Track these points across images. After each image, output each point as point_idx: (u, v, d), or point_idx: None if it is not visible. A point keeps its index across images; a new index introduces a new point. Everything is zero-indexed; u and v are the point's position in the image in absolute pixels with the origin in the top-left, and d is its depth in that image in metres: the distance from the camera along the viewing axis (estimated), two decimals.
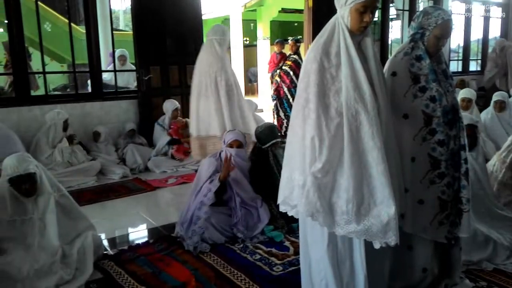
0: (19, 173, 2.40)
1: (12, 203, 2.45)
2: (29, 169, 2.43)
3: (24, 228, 2.47)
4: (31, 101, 4.95)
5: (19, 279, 2.33)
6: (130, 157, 5.05)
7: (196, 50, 5.83)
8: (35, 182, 2.47)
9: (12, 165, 2.41)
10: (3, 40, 6.68)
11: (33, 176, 2.45)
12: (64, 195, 2.67)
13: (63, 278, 2.39)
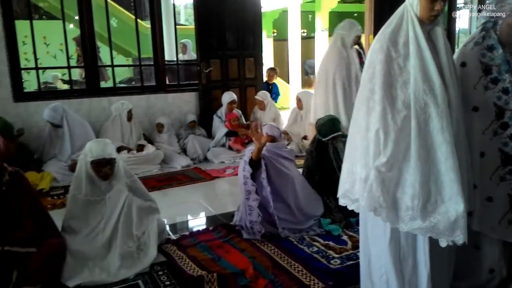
0: (104, 157, 2.60)
1: (87, 184, 2.64)
2: (111, 154, 2.65)
3: (96, 209, 2.65)
4: (100, 93, 5.27)
5: (90, 257, 2.51)
6: (190, 148, 5.23)
7: (255, 43, 5.95)
8: (114, 167, 2.67)
9: (98, 148, 2.61)
10: (74, 35, 7.16)
11: (114, 161, 2.65)
12: (135, 180, 2.85)
13: (130, 258, 2.54)
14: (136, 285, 2.41)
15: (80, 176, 2.66)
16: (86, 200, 2.64)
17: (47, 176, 4.12)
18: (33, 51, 4.98)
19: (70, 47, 5.65)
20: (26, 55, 6.41)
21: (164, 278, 2.48)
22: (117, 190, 2.68)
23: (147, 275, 2.50)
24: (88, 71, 5.25)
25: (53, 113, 4.44)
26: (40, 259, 2.36)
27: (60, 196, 3.97)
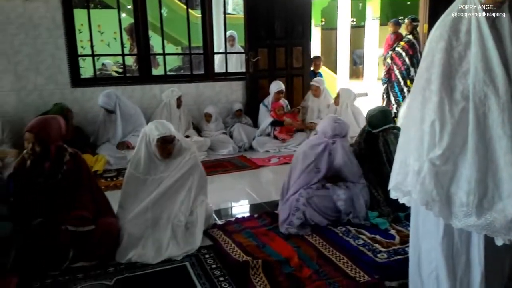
0: (169, 134, 2.72)
1: (145, 163, 2.76)
2: (174, 132, 2.76)
3: (151, 187, 2.76)
4: (152, 80, 5.44)
5: (143, 234, 2.63)
6: (236, 136, 5.29)
7: (304, 32, 5.89)
8: (175, 146, 2.78)
9: (163, 127, 2.73)
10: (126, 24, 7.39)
11: (175, 140, 2.77)
12: (193, 160, 2.92)
13: (179, 234, 2.66)
14: (183, 267, 2.49)
15: (139, 155, 2.77)
16: (142, 178, 2.76)
17: (102, 159, 4.33)
18: (90, 38, 5.20)
19: (124, 36, 5.84)
20: (82, 43, 6.72)
21: (211, 261, 2.54)
22: (174, 168, 2.78)
23: (194, 258, 2.58)
24: (140, 59, 5.42)
25: (107, 99, 4.63)
26: (96, 237, 2.50)
27: (113, 179, 4.16)
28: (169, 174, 2.77)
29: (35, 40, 4.73)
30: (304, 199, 2.90)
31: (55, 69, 4.86)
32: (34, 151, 2.46)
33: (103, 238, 2.52)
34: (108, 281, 2.34)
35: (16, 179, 2.56)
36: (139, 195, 2.74)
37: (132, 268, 2.48)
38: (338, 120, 3.11)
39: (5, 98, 4.74)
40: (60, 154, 2.55)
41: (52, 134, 2.50)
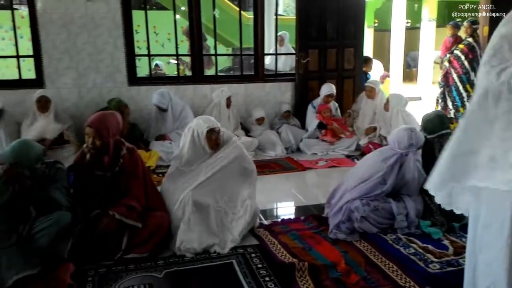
0: (217, 127, 2.86)
1: (191, 157, 2.88)
2: (219, 125, 2.92)
3: (195, 176, 2.87)
4: (204, 80, 5.55)
5: (187, 224, 2.72)
6: (284, 137, 5.28)
7: (356, 33, 5.78)
8: (221, 137, 2.91)
9: (209, 120, 2.91)
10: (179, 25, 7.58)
11: (220, 131, 2.91)
12: (237, 153, 2.99)
13: (220, 220, 2.77)
14: (230, 264, 2.52)
15: (185, 150, 2.89)
16: (187, 171, 2.88)
17: (155, 155, 4.48)
18: (147, 39, 5.40)
19: (179, 37, 5.99)
20: (138, 43, 6.98)
21: (257, 261, 2.56)
22: (219, 158, 2.88)
23: (240, 256, 2.60)
24: (194, 60, 5.55)
25: (161, 98, 4.79)
26: (148, 230, 2.60)
27: (165, 174, 4.28)
28: (214, 162, 2.87)
29: (96, 39, 4.97)
30: (359, 216, 2.84)
31: (113, 68, 5.09)
32: (94, 145, 2.58)
33: (154, 231, 2.61)
34: (158, 274, 2.42)
35: (76, 172, 2.70)
36: (180, 186, 2.85)
37: (181, 262, 2.54)
38: (413, 129, 2.97)
39: (67, 95, 5.03)
40: (117, 148, 2.67)
41: (110, 129, 2.62)
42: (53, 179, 2.59)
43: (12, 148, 2.49)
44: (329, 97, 5.38)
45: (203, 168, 2.88)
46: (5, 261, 2.29)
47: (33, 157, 2.51)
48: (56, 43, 4.87)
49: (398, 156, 2.92)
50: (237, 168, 2.91)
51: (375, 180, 2.91)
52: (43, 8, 4.78)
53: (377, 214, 2.88)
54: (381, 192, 2.91)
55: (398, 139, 2.93)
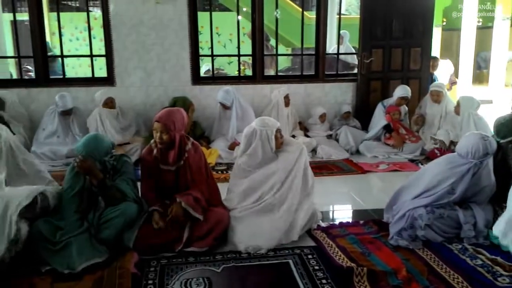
0: (279, 128, 2.89)
1: (257, 157, 2.90)
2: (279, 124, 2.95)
3: (260, 177, 2.91)
4: (264, 80, 5.60)
5: (252, 224, 2.77)
6: (343, 138, 5.19)
7: (424, 32, 5.54)
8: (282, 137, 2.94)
9: (272, 121, 2.91)
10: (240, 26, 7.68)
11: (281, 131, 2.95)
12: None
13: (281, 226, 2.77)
14: (286, 264, 2.53)
15: (250, 151, 2.90)
16: (252, 171, 2.91)
17: (215, 153, 4.60)
18: (210, 40, 5.54)
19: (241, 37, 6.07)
20: (201, 44, 7.18)
21: (314, 262, 2.54)
22: (284, 160, 2.89)
23: (297, 257, 2.60)
24: (255, 60, 5.61)
25: (226, 95, 4.90)
26: (208, 225, 2.67)
27: (223, 172, 4.38)
28: (279, 165, 2.87)
29: (164, 40, 5.19)
30: (423, 223, 2.72)
31: (179, 68, 5.29)
32: (162, 140, 2.70)
33: (214, 226, 2.68)
34: (216, 268, 2.48)
35: (144, 166, 2.84)
36: (247, 186, 2.88)
37: (238, 258, 2.59)
38: (486, 137, 2.78)
39: (136, 93, 5.29)
40: (183, 143, 2.77)
41: (177, 123, 2.72)
42: (120, 172, 2.75)
43: (84, 142, 2.67)
44: (403, 100, 5.20)
45: (269, 169, 2.89)
46: (76, 248, 2.47)
47: (103, 150, 2.68)
48: (126, 44, 5.15)
49: (471, 166, 2.73)
50: (298, 172, 2.90)
51: (442, 189, 2.76)
52: (115, 10, 5.06)
53: (442, 222, 2.75)
54: (448, 201, 2.77)
55: (473, 149, 2.72)
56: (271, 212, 2.81)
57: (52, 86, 5.18)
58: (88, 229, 2.59)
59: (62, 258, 2.44)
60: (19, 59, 5.65)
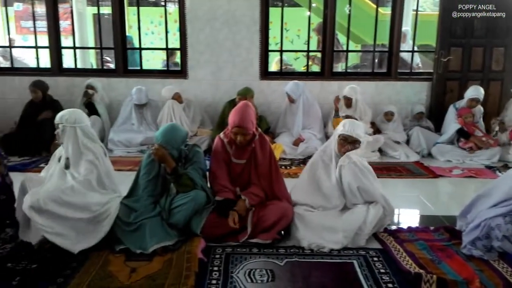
0: (351, 135, 2.80)
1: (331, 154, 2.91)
2: (357, 135, 2.84)
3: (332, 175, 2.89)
4: (332, 76, 5.52)
5: (321, 222, 2.76)
6: (414, 140, 4.98)
7: (509, 31, 5.14)
8: (354, 147, 2.86)
9: (348, 127, 2.83)
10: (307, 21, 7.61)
11: (356, 144, 2.86)
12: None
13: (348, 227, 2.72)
14: (350, 264, 2.48)
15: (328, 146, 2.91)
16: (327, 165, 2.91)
17: (279, 148, 4.62)
18: (281, 35, 5.56)
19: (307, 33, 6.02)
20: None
21: (379, 265, 2.47)
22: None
23: (362, 258, 2.55)
24: (324, 56, 5.55)
25: (295, 87, 4.87)
26: (272, 219, 2.69)
27: (287, 167, 4.39)
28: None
29: (235, 35, 5.30)
30: (501, 234, 2.54)
31: (248, 62, 5.37)
32: (245, 141, 2.77)
33: (278, 220, 2.70)
34: (279, 261, 2.50)
35: (216, 157, 2.92)
36: (320, 183, 2.86)
37: (301, 254, 2.59)
38: None
39: (206, 86, 5.46)
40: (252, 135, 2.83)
41: (253, 121, 2.80)
42: (191, 161, 2.85)
43: (162, 131, 2.80)
44: (474, 102, 4.88)
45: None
46: (148, 230, 2.61)
47: (180, 139, 2.79)
48: (200, 38, 5.31)
49: None
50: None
51: None
52: (191, 5, 5.23)
53: None
54: None
55: None
56: (338, 213, 2.78)
57: (130, 76, 5.49)
58: (160, 213, 2.72)
59: (135, 239, 2.59)
60: (101, 50, 6.04)
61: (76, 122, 2.77)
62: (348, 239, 2.68)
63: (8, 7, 5.90)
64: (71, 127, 2.75)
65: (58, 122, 2.77)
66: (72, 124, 2.76)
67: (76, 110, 2.91)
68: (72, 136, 2.75)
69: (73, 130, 2.76)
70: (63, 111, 2.86)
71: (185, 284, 2.22)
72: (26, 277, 2.29)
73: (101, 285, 2.23)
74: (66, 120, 2.75)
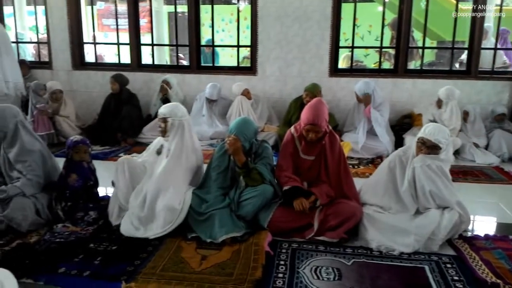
0: (430, 139, 2.69)
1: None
2: (437, 140, 2.72)
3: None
4: (406, 73, 5.31)
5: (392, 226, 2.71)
6: (494, 143, 4.67)
7: None
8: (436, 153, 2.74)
9: (431, 130, 2.73)
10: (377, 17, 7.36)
11: (438, 148, 2.73)
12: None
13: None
14: (422, 269, 2.40)
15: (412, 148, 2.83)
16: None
17: (347, 146, 4.53)
18: (352, 31, 5.47)
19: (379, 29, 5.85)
20: None
21: (452, 272, 2.36)
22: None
23: (434, 263, 2.45)
24: (398, 52, 5.36)
25: (365, 86, 4.71)
26: (339, 218, 2.67)
27: (354, 166, 4.32)
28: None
29: (305, 31, 5.28)
30: None
31: (317, 59, 5.33)
32: (316, 137, 2.78)
33: (346, 219, 2.67)
34: (346, 261, 2.47)
35: (283, 151, 2.96)
36: (394, 185, 2.79)
37: (369, 255, 2.54)
38: None
39: (274, 82, 5.50)
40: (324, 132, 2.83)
41: (326, 118, 2.83)
42: (261, 156, 2.91)
43: (236, 123, 2.88)
44: None
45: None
46: (218, 220, 2.70)
47: (252, 132, 2.87)
48: (271, 35, 5.36)
49: None
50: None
51: None
52: (263, 2, 5.29)
53: None
54: None
55: None
56: (411, 217, 2.69)
57: (202, 73, 5.69)
58: (229, 205, 2.81)
59: (206, 228, 2.71)
60: (176, 47, 6.31)
61: (183, 116, 2.96)
62: (420, 243, 2.59)
63: (92, 6, 6.33)
64: (179, 121, 2.92)
65: (167, 116, 2.91)
66: (180, 118, 2.93)
67: (179, 105, 3.06)
68: (180, 129, 2.92)
69: (182, 124, 2.92)
70: (168, 105, 3.01)
71: (252, 275, 2.28)
72: (107, 258, 2.48)
73: (175, 269, 2.35)
74: (175, 114, 2.91)
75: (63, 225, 2.81)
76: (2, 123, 2.87)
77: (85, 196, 2.97)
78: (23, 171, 2.85)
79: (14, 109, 3.00)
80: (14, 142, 2.90)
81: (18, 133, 2.91)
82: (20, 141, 2.89)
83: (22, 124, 2.96)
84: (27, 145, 2.90)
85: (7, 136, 2.89)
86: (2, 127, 2.87)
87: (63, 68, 5.94)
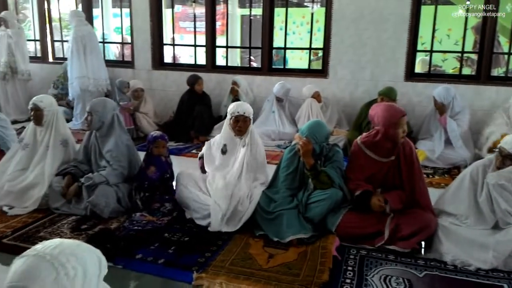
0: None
1: None
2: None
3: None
4: (489, 80, 4.98)
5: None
6: None
7: None
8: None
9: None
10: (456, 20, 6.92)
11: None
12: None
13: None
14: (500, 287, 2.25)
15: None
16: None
17: (422, 154, 4.32)
18: (432, 34, 5.23)
19: (458, 33, 5.52)
20: None
21: None
22: None
23: None
24: (481, 58, 5.03)
25: (445, 93, 4.43)
26: (413, 228, 2.58)
27: (429, 176, 4.13)
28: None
29: (380, 34, 5.13)
30: None
31: (393, 63, 5.15)
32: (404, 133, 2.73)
33: (420, 230, 2.57)
34: (418, 272, 2.38)
35: (351, 162, 2.93)
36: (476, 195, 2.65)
37: (443, 268, 2.43)
38: None
39: (345, 86, 5.41)
40: None
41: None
42: (331, 160, 2.88)
43: (308, 125, 2.89)
44: None
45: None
46: (286, 221, 2.72)
47: (324, 135, 2.86)
48: (344, 37, 5.28)
49: None
50: None
51: None
52: (339, 5, 5.23)
53: None
54: None
55: None
56: (490, 231, 2.53)
57: (273, 75, 5.75)
58: (297, 206, 2.82)
59: (273, 227, 2.74)
60: (249, 49, 6.43)
61: (250, 113, 3.12)
62: (498, 261, 2.43)
63: (173, 9, 6.65)
64: (250, 118, 3.12)
65: (241, 113, 3.07)
66: (249, 114, 3.10)
67: (244, 102, 3.26)
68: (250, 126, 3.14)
69: (250, 121, 3.13)
70: (237, 103, 3.20)
71: (319, 278, 2.27)
72: (180, 248, 2.61)
73: (242, 265, 2.41)
74: (247, 110, 3.09)
75: (141, 214, 3.00)
76: (102, 113, 3.14)
77: (162, 188, 3.14)
78: (110, 161, 3.10)
79: (113, 103, 3.34)
80: (108, 134, 3.17)
81: (113, 125, 3.19)
82: (114, 133, 3.16)
83: (117, 118, 3.24)
84: (118, 137, 3.16)
85: (103, 126, 3.18)
86: (102, 117, 3.15)
87: (144, 68, 6.31)
